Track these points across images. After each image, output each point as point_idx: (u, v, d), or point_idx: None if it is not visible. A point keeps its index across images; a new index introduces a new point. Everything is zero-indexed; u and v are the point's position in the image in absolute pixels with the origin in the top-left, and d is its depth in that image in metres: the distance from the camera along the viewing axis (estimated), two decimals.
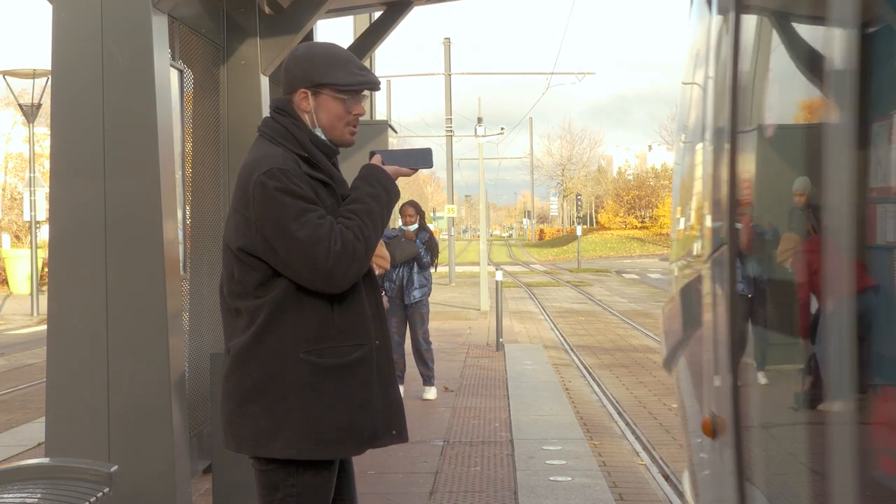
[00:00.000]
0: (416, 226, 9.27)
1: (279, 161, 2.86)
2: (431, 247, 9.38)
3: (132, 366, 4.83)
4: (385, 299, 8.73)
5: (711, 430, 2.77)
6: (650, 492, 6.24)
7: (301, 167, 2.89)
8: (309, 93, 2.96)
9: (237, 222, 2.90)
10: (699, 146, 3.53)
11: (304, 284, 2.85)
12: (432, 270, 9.57)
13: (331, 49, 3.03)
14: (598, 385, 10.69)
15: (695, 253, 3.53)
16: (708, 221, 3.25)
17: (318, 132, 2.99)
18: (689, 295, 3.58)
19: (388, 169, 3.05)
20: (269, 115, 3.05)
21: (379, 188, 2.98)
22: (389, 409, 2.99)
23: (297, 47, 3.07)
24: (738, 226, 2.89)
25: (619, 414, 8.91)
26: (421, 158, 3.12)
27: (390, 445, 3.02)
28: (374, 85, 3.01)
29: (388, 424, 2.98)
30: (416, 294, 9.31)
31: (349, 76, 2.96)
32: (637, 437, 7.85)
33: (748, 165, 2.97)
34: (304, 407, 2.85)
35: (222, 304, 3.02)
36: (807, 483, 2.14)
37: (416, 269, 9.27)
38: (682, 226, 3.91)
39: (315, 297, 2.87)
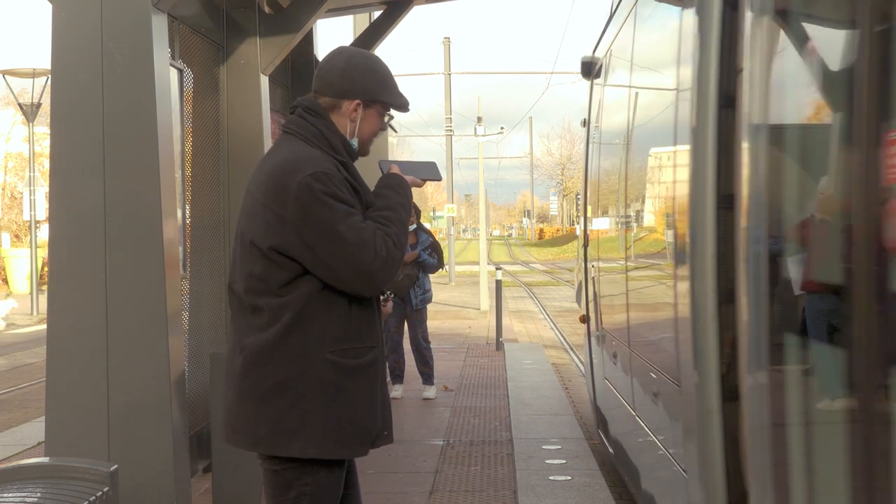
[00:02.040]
0: (414, 226, 9.27)
1: (323, 164, 2.85)
2: (436, 248, 9.40)
3: (132, 365, 4.82)
4: (389, 304, 8.83)
5: (582, 320, 8.22)
6: None
7: (340, 171, 2.90)
8: (361, 105, 2.99)
9: (268, 220, 2.85)
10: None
11: (341, 286, 2.85)
12: (441, 270, 9.64)
13: (384, 65, 3.06)
14: None
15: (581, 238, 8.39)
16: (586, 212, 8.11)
17: (354, 142, 3.02)
18: (579, 263, 8.66)
19: (407, 179, 3.11)
20: (295, 113, 3.01)
21: (405, 197, 3.05)
22: (385, 410, 3.04)
23: (351, 55, 3.03)
24: (591, 216, 7.48)
25: None
26: (429, 171, 3.26)
27: (381, 447, 3.05)
28: (408, 106, 3.09)
29: (384, 425, 3.03)
30: (426, 297, 9.35)
31: (399, 97, 3.05)
32: None
33: (591, 169, 6.91)
34: (325, 406, 2.86)
35: (233, 300, 2.99)
36: (613, 333, 5.48)
37: (420, 272, 9.28)
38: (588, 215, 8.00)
39: (338, 298, 2.87)
